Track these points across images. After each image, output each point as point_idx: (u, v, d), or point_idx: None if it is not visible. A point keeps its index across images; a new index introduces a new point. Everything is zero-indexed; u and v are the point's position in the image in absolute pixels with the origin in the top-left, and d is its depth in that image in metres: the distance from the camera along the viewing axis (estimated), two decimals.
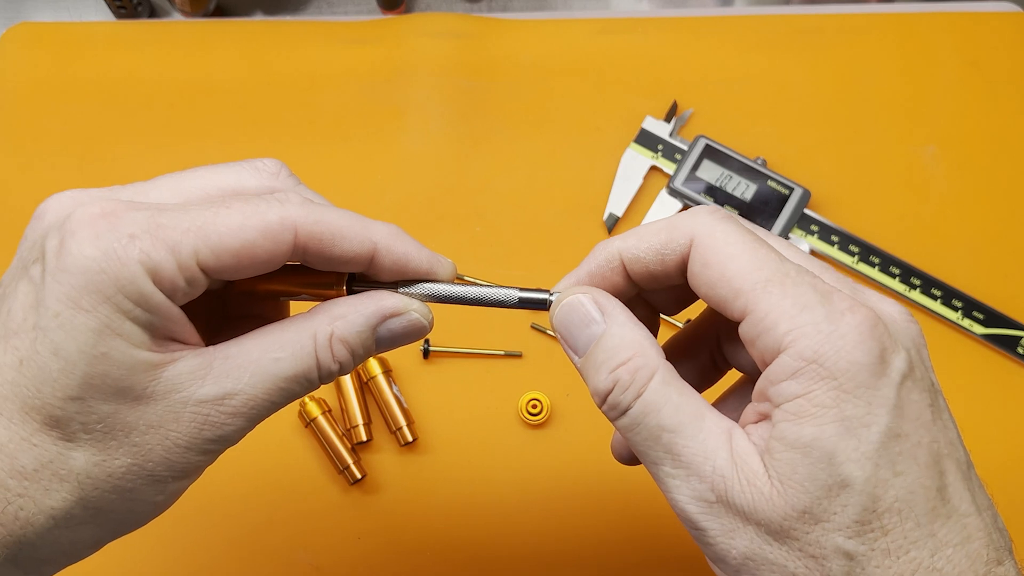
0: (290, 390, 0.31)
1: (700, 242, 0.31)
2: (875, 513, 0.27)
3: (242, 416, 0.30)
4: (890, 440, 0.27)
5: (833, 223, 0.66)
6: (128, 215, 0.28)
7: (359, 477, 0.58)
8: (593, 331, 0.31)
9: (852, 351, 0.27)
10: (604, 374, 0.30)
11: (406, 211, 0.68)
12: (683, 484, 0.29)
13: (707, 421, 0.29)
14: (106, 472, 0.29)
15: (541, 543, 0.59)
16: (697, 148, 0.68)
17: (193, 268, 0.29)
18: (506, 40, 0.74)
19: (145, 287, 0.28)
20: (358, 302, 0.32)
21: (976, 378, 0.63)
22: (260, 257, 0.30)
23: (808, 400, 0.27)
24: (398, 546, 0.58)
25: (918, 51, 0.73)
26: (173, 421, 0.29)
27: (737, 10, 0.81)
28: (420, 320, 0.33)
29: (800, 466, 0.27)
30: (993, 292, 0.65)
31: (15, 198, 0.69)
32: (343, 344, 0.31)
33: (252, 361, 0.30)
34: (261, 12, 0.83)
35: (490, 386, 0.63)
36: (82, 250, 0.27)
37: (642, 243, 0.32)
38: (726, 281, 0.29)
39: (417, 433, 0.60)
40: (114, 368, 0.28)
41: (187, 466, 0.30)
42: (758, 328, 0.29)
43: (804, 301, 0.28)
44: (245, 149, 0.70)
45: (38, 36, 0.75)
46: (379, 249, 0.32)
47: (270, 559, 0.58)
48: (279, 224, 0.30)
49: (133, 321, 0.28)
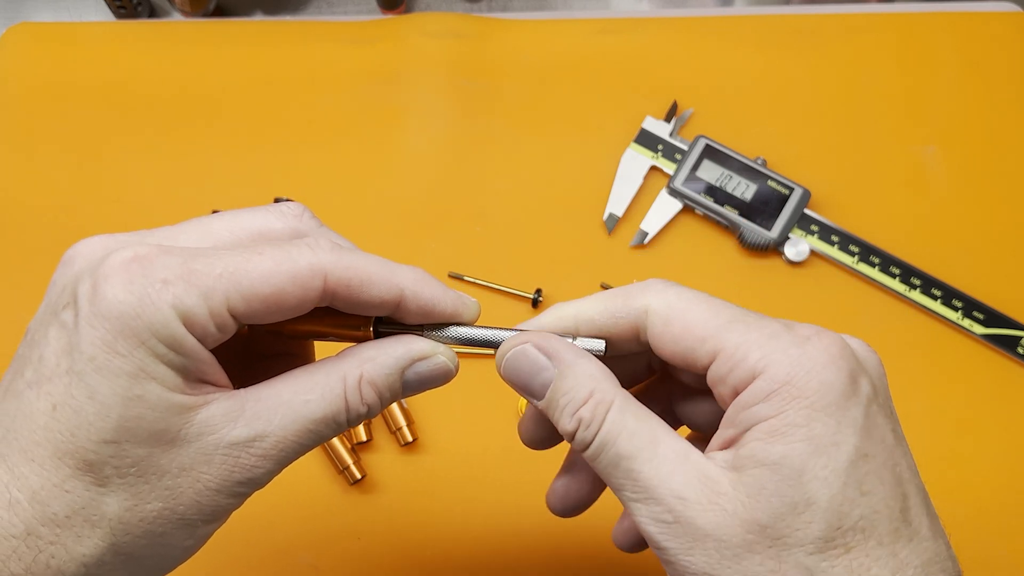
0: (319, 432, 0.31)
1: (656, 306, 0.32)
2: (840, 531, 0.28)
3: (271, 459, 0.30)
4: (858, 459, 0.28)
5: (833, 223, 0.66)
6: (161, 260, 0.29)
7: (359, 477, 0.58)
8: (545, 377, 0.32)
9: (822, 372, 0.29)
10: (568, 417, 0.31)
11: (406, 211, 0.68)
12: (643, 507, 0.30)
13: (662, 446, 0.30)
14: (138, 517, 0.29)
15: (541, 543, 0.59)
16: (697, 148, 0.68)
17: (224, 314, 0.29)
18: (506, 40, 0.74)
19: (178, 331, 0.28)
20: (387, 345, 0.33)
21: (976, 378, 0.63)
22: (289, 303, 0.30)
23: (780, 420, 0.28)
24: (398, 546, 0.58)
25: (918, 51, 0.73)
26: (205, 464, 0.29)
27: (737, 10, 0.81)
28: (447, 364, 0.34)
29: (768, 482, 0.28)
30: (993, 292, 0.65)
31: (15, 198, 0.69)
32: (371, 386, 0.32)
33: (283, 403, 0.30)
34: (261, 12, 0.83)
35: (490, 386, 0.62)
36: (116, 295, 0.28)
37: (597, 305, 0.33)
38: (690, 331, 0.31)
39: (417, 433, 0.60)
40: (149, 411, 0.28)
41: (216, 509, 0.30)
42: (730, 363, 0.30)
43: (770, 331, 0.30)
44: (245, 149, 0.70)
45: (38, 36, 0.75)
46: (406, 295, 0.32)
47: (270, 559, 0.58)
48: (309, 271, 0.30)
49: (167, 365, 0.28)
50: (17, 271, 0.67)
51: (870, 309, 0.65)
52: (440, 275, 0.65)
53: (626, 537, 0.37)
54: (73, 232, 0.67)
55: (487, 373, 0.63)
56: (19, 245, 0.67)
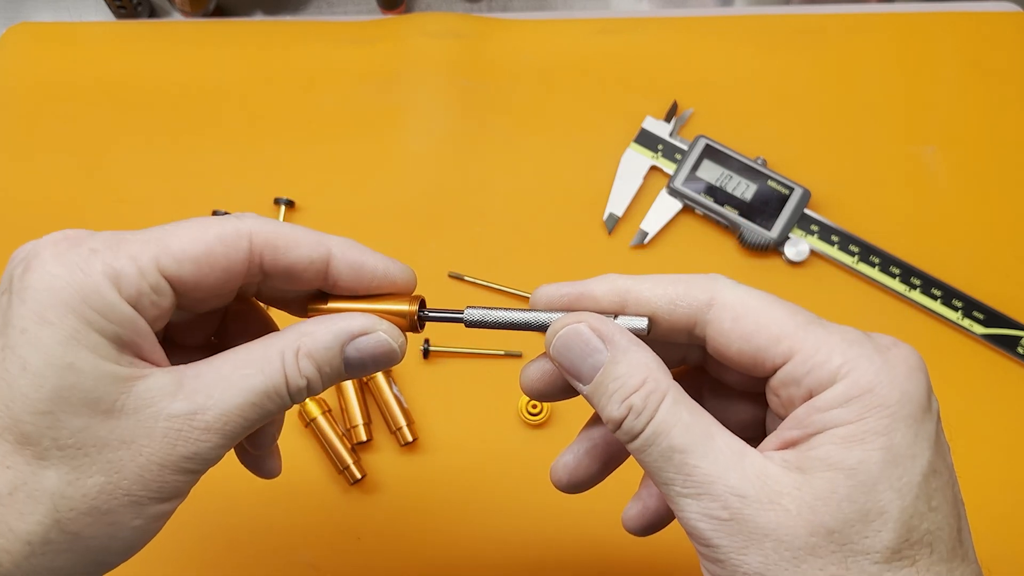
0: (262, 405, 0.31)
1: (725, 299, 0.31)
2: (907, 543, 0.27)
3: (216, 432, 0.30)
4: (930, 474, 0.28)
5: (833, 223, 0.66)
6: (91, 236, 0.30)
7: (359, 477, 0.58)
8: (597, 360, 0.31)
9: (904, 382, 0.28)
10: (617, 403, 0.30)
11: (406, 211, 0.68)
12: (694, 502, 0.29)
13: (717, 440, 0.29)
14: (80, 492, 0.28)
15: (541, 543, 0.59)
16: (697, 148, 0.68)
17: (155, 274, 0.29)
18: (506, 40, 0.74)
19: (109, 295, 0.28)
20: (327, 320, 0.33)
21: (976, 378, 0.63)
22: (219, 263, 0.31)
23: (859, 426, 0.28)
24: (398, 546, 0.58)
25: (918, 51, 0.73)
26: (146, 436, 0.29)
27: (737, 10, 0.81)
28: (388, 342, 0.33)
29: (841, 487, 0.27)
30: (993, 292, 0.65)
31: (15, 198, 0.69)
32: (309, 359, 0.31)
33: (223, 377, 0.30)
34: (261, 12, 0.83)
35: (490, 386, 0.63)
36: (45, 267, 0.28)
37: (656, 288, 0.32)
38: (763, 329, 0.30)
39: (417, 433, 0.60)
40: (82, 379, 0.28)
41: (163, 486, 0.30)
42: (808, 364, 0.29)
43: (852, 337, 0.29)
44: (245, 149, 0.70)
45: (38, 36, 0.75)
46: (334, 254, 0.33)
47: (270, 559, 0.58)
48: (235, 231, 0.31)
49: (99, 332, 0.28)
50: None
51: (870, 309, 0.65)
52: (440, 275, 0.65)
53: (638, 521, 0.37)
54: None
55: (487, 373, 0.64)
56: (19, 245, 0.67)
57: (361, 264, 0.33)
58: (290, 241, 0.32)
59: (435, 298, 0.65)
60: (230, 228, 0.31)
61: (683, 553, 0.58)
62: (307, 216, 0.68)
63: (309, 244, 0.32)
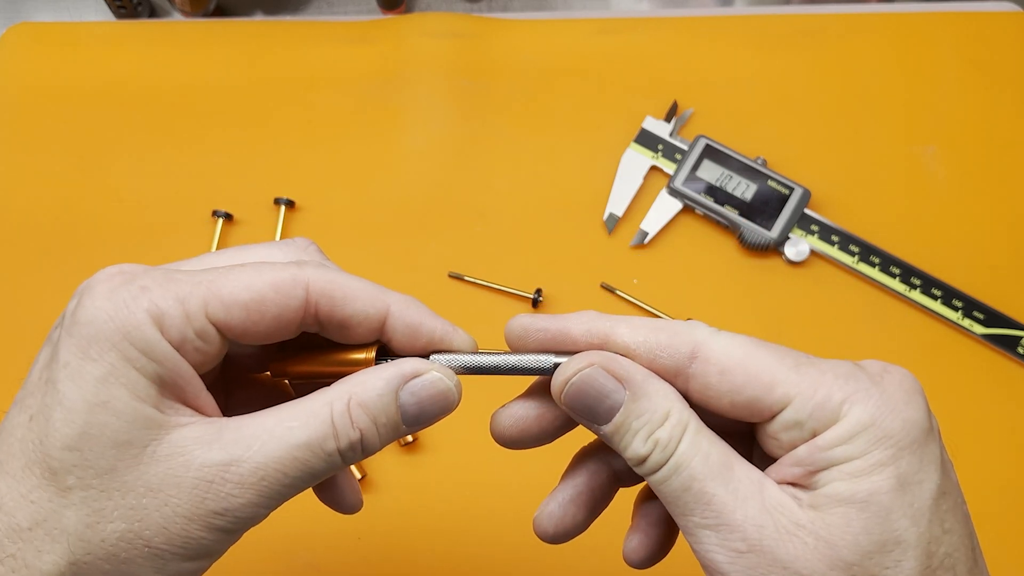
0: (305, 461, 0.29)
1: (709, 353, 0.30)
2: (929, 569, 0.27)
3: (251, 488, 0.28)
4: (940, 497, 0.28)
5: (833, 223, 0.66)
6: (145, 272, 0.29)
7: (359, 477, 0.58)
8: (615, 400, 0.30)
9: (904, 410, 0.28)
10: (643, 440, 0.29)
11: (406, 211, 0.68)
12: (712, 533, 0.28)
13: (736, 470, 0.29)
14: (99, 536, 0.27)
15: (541, 544, 0.58)
16: (697, 148, 0.68)
17: (202, 319, 0.28)
18: (506, 40, 0.74)
19: (150, 334, 0.27)
20: (379, 368, 0.31)
21: (976, 378, 0.63)
22: (271, 311, 0.29)
23: (865, 460, 0.28)
24: (398, 546, 0.58)
25: (918, 51, 0.73)
26: (174, 486, 0.27)
27: (737, 10, 0.81)
28: (443, 381, 0.32)
29: (856, 520, 0.27)
30: (993, 292, 0.65)
31: (15, 198, 0.69)
32: (362, 409, 0.30)
33: (265, 430, 0.29)
34: (261, 12, 0.83)
35: (490, 386, 0.62)
36: (95, 303, 0.28)
37: (637, 334, 0.31)
38: (754, 379, 0.29)
39: (417, 433, 0.60)
40: (114, 419, 0.27)
41: (188, 542, 0.28)
42: (809, 406, 0.29)
43: (844, 372, 0.29)
44: (245, 149, 0.70)
45: (38, 36, 0.75)
46: (392, 312, 0.31)
47: (270, 559, 0.58)
48: (291, 279, 0.30)
49: (139, 371, 0.27)
50: (17, 271, 0.67)
51: (870, 309, 0.65)
52: (440, 275, 0.65)
53: (638, 554, 0.36)
54: (73, 232, 0.68)
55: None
56: (19, 245, 0.67)
57: (419, 325, 0.32)
58: (348, 294, 0.31)
59: (435, 298, 0.65)
60: (287, 276, 0.30)
61: (681, 552, 0.58)
62: (307, 216, 0.68)
63: (368, 299, 0.31)
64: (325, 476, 0.30)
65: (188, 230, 0.67)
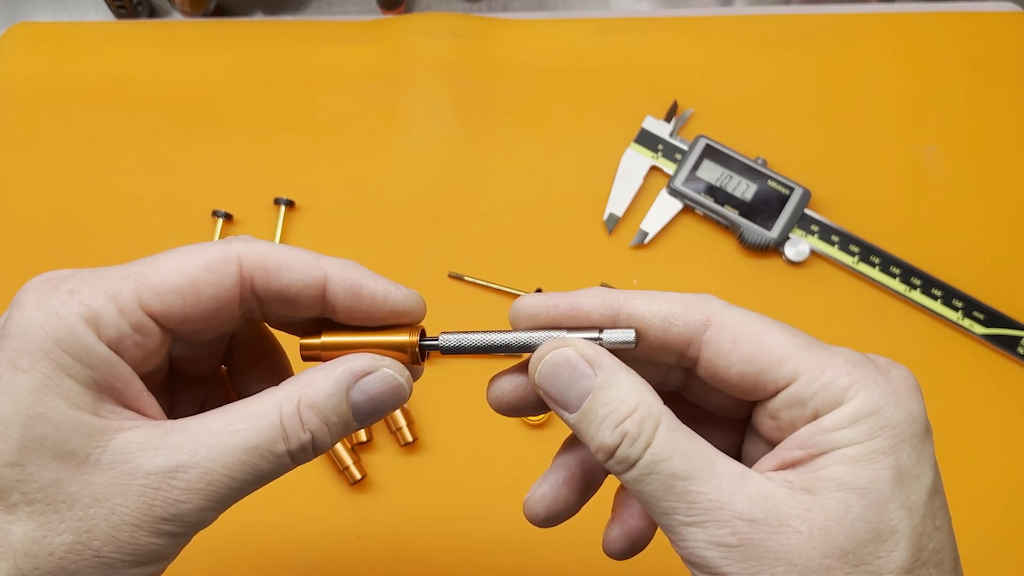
0: (253, 465, 0.28)
1: (723, 320, 0.30)
2: (919, 562, 0.27)
3: (198, 493, 0.27)
4: (934, 493, 0.28)
5: (833, 223, 0.66)
6: (72, 276, 0.28)
7: (359, 477, 0.58)
8: (585, 385, 0.30)
9: (908, 403, 0.29)
10: (609, 430, 0.29)
11: (406, 211, 0.68)
12: (699, 531, 0.28)
13: (718, 465, 0.28)
14: (47, 550, 0.26)
15: (541, 544, 0.58)
16: (697, 148, 0.68)
17: (137, 312, 0.28)
18: (506, 40, 0.74)
19: (85, 337, 0.27)
20: (328, 367, 0.30)
21: (976, 378, 0.63)
22: (206, 292, 0.29)
23: (867, 447, 0.28)
24: (398, 546, 0.58)
25: (918, 51, 0.73)
26: (121, 495, 0.27)
27: (737, 10, 0.81)
28: (394, 377, 0.31)
29: (855, 507, 0.27)
30: (993, 292, 0.65)
31: (15, 198, 0.69)
32: (312, 410, 0.29)
33: (211, 433, 0.28)
34: (261, 12, 0.83)
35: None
36: (23, 313, 0.27)
37: (651, 304, 0.31)
38: (765, 351, 0.29)
39: (417, 433, 0.60)
40: (52, 429, 0.26)
41: (138, 549, 0.27)
42: (815, 385, 0.29)
43: (853, 359, 0.29)
44: (245, 149, 0.70)
45: (38, 36, 0.75)
46: (331, 277, 0.30)
47: (270, 559, 0.58)
48: (221, 256, 0.29)
49: (73, 378, 0.27)
50: (17, 271, 0.67)
51: (870, 309, 0.65)
52: (440, 275, 0.65)
53: (619, 544, 0.35)
54: (73, 232, 0.68)
55: (487, 373, 0.63)
56: (19, 245, 0.67)
57: (359, 288, 0.31)
58: (282, 263, 0.30)
59: (435, 298, 0.65)
60: (216, 254, 0.29)
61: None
62: (307, 216, 0.68)
63: (302, 266, 0.30)
64: (275, 477, 0.29)
65: (188, 230, 0.67)
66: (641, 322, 0.31)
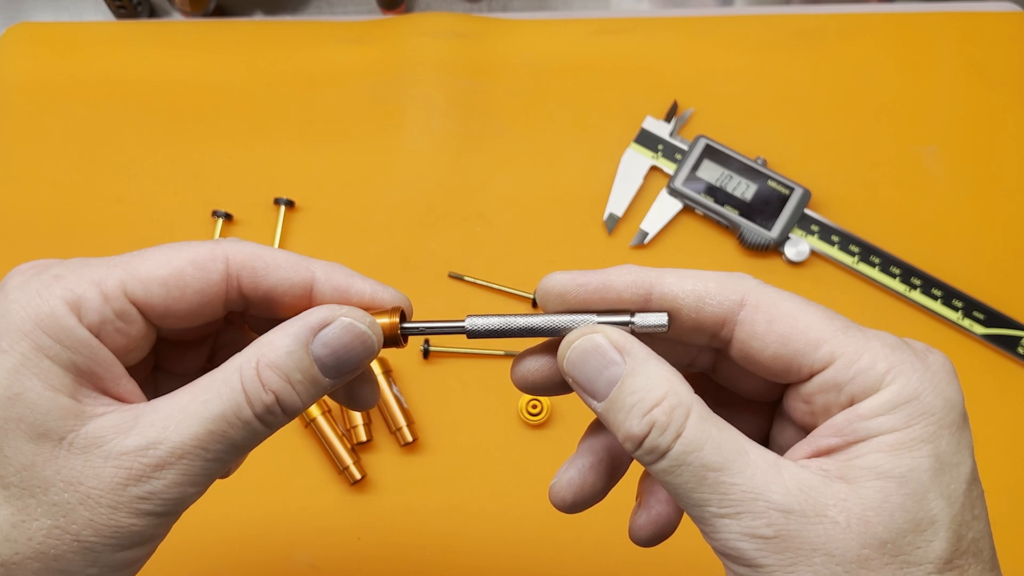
0: (223, 433, 0.28)
1: (759, 300, 0.30)
2: (957, 552, 0.27)
3: (172, 468, 0.27)
4: (972, 483, 0.28)
5: (833, 223, 0.66)
6: (59, 263, 0.28)
7: (359, 477, 0.58)
8: (613, 373, 0.29)
9: (946, 389, 0.28)
10: (637, 418, 0.28)
11: (406, 211, 0.68)
12: (733, 522, 0.27)
13: (751, 455, 0.28)
14: (26, 535, 0.26)
15: (541, 544, 0.59)
16: (697, 148, 0.68)
17: (121, 299, 0.28)
18: (506, 40, 0.74)
19: (65, 320, 0.27)
20: (285, 324, 0.29)
21: (976, 378, 0.63)
22: (191, 286, 0.29)
23: (906, 434, 0.27)
24: (398, 546, 0.58)
25: (918, 51, 0.73)
26: (94, 478, 0.27)
27: (737, 10, 0.81)
28: (354, 325, 0.29)
29: (893, 496, 0.27)
30: (993, 292, 0.65)
31: (15, 198, 0.69)
32: (272, 370, 0.28)
33: (180, 408, 0.28)
34: (261, 12, 0.83)
35: (490, 386, 0.63)
36: (7, 296, 0.27)
37: (685, 283, 0.30)
38: (801, 333, 0.29)
39: (417, 433, 0.60)
40: (29, 411, 0.26)
41: (119, 531, 0.27)
42: (852, 370, 0.28)
43: (891, 343, 0.29)
44: (245, 149, 0.70)
45: (38, 36, 0.75)
46: (318, 278, 0.30)
47: (270, 559, 0.58)
48: (209, 253, 0.29)
49: (52, 360, 0.27)
50: None
51: (870, 309, 0.65)
52: (440, 275, 0.65)
53: (647, 531, 0.34)
54: (73, 232, 0.68)
55: (487, 373, 0.64)
56: (19, 245, 0.67)
57: (347, 288, 0.31)
58: (269, 264, 0.30)
59: (435, 298, 0.65)
60: (204, 251, 0.29)
61: (682, 551, 0.58)
62: (307, 216, 0.68)
63: (289, 267, 0.30)
64: (251, 445, 0.29)
65: (188, 230, 0.67)
66: (674, 302, 0.30)
